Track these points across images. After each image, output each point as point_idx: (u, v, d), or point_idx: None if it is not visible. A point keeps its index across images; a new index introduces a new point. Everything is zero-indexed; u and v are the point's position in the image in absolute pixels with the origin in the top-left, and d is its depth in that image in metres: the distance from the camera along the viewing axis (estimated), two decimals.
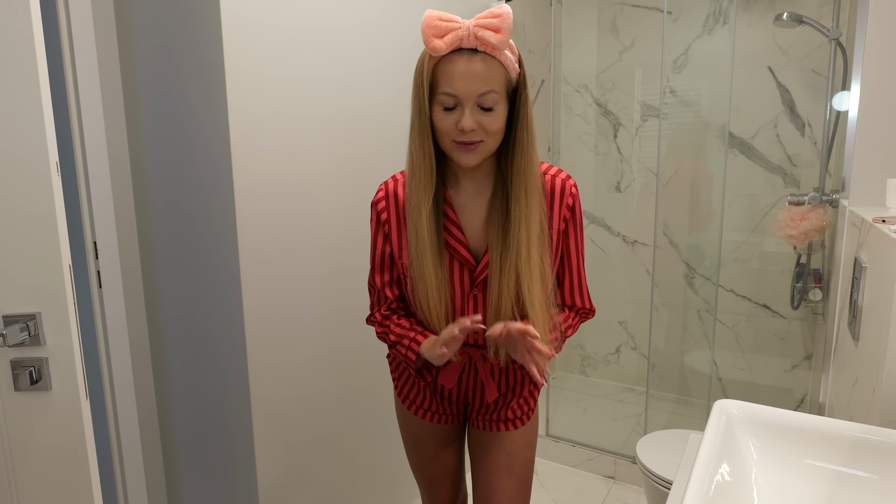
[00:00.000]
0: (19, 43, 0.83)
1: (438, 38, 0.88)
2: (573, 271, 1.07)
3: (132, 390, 1.42)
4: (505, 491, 1.12)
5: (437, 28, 0.87)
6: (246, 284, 1.29)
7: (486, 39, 0.88)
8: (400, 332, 1.06)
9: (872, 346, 0.99)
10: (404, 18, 1.68)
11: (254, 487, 1.37)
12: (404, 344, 1.05)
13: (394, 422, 1.79)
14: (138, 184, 1.39)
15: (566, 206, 1.02)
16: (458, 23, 0.88)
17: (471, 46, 0.89)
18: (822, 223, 1.82)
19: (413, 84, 0.95)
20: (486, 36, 0.87)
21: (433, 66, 0.91)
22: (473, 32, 0.88)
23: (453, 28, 0.88)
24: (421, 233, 0.98)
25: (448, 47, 0.88)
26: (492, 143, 0.95)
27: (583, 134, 2.79)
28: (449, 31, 0.88)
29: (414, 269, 1.00)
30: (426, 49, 0.92)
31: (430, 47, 0.88)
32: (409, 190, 0.99)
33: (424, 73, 0.91)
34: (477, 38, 0.88)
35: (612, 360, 2.94)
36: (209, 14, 1.19)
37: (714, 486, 0.65)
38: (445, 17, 0.88)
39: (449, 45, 0.88)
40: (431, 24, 0.87)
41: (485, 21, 0.88)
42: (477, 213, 1.03)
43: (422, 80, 0.92)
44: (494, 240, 0.99)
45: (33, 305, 0.89)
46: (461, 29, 0.88)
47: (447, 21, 0.88)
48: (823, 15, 2.15)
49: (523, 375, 1.12)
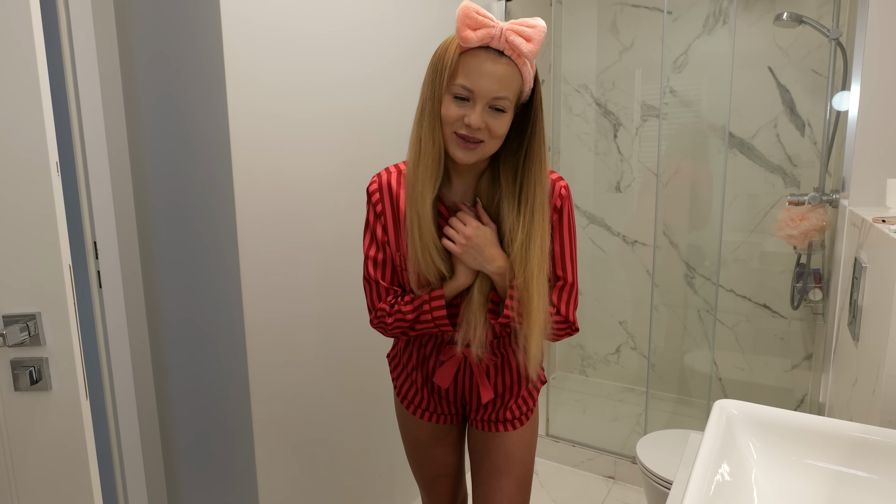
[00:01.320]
0: (19, 43, 0.83)
1: (472, 30, 0.88)
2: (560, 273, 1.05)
3: (132, 390, 1.42)
4: (504, 491, 1.12)
5: (472, 20, 0.88)
6: (246, 284, 1.29)
7: (517, 45, 0.88)
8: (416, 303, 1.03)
9: (872, 346, 0.99)
10: (405, 21, 1.68)
11: (254, 487, 1.37)
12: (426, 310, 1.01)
13: (393, 422, 1.79)
14: (138, 184, 1.39)
15: (553, 208, 1.02)
16: (493, 22, 0.89)
17: (499, 48, 0.90)
18: (822, 223, 1.82)
19: (430, 69, 0.94)
20: (517, 42, 0.88)
21: (457, 56, 0.91)
22: (506, 35, 0.88)
23: (488, 25, 0.88)
24: (424, 221, 0.97)
25: (478, 41, 0.89)
26: (491, 146, 0.95)
27: (583, 134, 2.79)
28: (483, 26, 0.88)
29: (420, 259, 0.99)
30: (452, 37, 0.92)
31: (461, 36, 0.88)
32: (413, 177, 0.97)
33: (447, 60, 0.91)
34: (507, 42, 0.88)
35: (612, 360, 2.94)
36: (209, 14, 1.19)
37: (714, 486, 0.65)
38: (482, 12, 0.89)
39: (479, 39, 0.88)
40: (468, 14, 0.87)
41: (519, 28, 0.88)
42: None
43: (443, 65, 0.92)
44: None
45: (33, 305, 0.89)
46: (495, 28, 0.88)
47: (483, 16, 0.88)
48: (823, 15, 2.15)
49: (520, 375, 1.12)
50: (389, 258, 1.07)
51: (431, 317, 1.02)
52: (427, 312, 1.02)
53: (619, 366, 2.92)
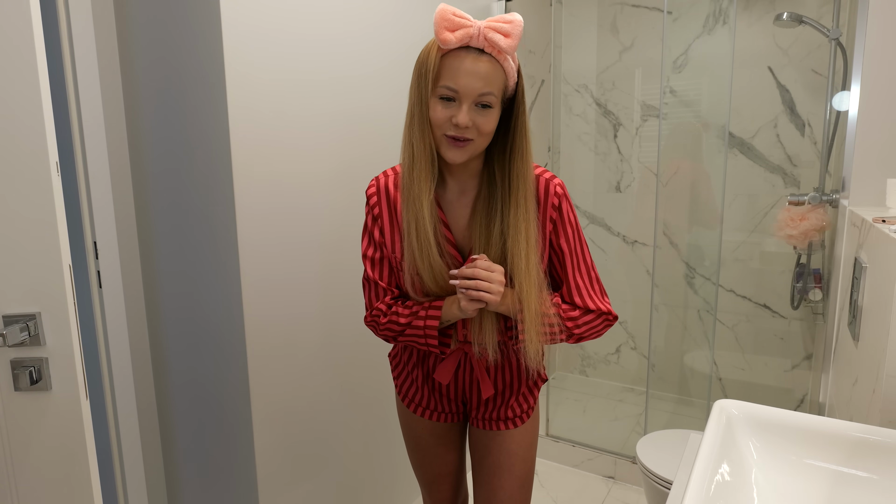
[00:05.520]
0: (19, 43, 0.83)
1: (450, 32, 0.90)
2: (573, 271, 1.05)
3: (132, 390, 1.42)
4: (505, 490, 1.13)
5: (449, 21, 0.89)
6: (246, 284, 1.29)
7: (495, 42, 0.89)
8: (413, 309, 1.03)
9: (872, 346, 0.99)
10: (404, 22, 1.68)
11: (254, 487, 1.37)
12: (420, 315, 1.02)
13: (394, 421, 1.79)
14: (138, 184, 1.39)
15: (552, 206, 1.03)
16: (470, 21, 0.90)
17: (479, 46, 0.91)
18: (822, 223, 1.82)
19: (415, 74, 0.95)
20: (495, 38, 0.89)
21: (439, 58, 0.92)
22: (484, 33, 0.90)
23: (465, 25, 0.90)
24: (421, 223, 0.97)
25: (457, 42, 0.90)
26: (481, 143, 0.96)
27: (583, 134, 2.79)
28: (460, 27, 0.90)
29: (417, 262, 1.00)
30: (433, 41, 0.93)
31: (440, 38, 0.90)
32: (409, 181, 0.98)
33: (430, 63, 0.92)
34: (486, 40, 0.90)
35: (612, 360, 2.94)
36: (209, 14, 1.19)
37: (714, 486, 0.65)
38: (459, 13, 0.90)
39: (458, 40, 0.90)
40: (445, 16, 0.89)
41: (496, 24, 0.90)
42: (461, 213, 1.04)
43: (426, 69, 0.93)
44: (477, 240, 1.01)
45: (33, 305, 0.89)
46: (472, 28, 0.90)
47: (460, 17, 0.90)
48: (823, 15, 2.15)
49: (519, 372, 1.12)
50: (387, 259, 1.07)
51: (424, 324, 1.02)
52: (421, 319, 1.02)
53: (619, 366, 2.92)
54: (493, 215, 1.00)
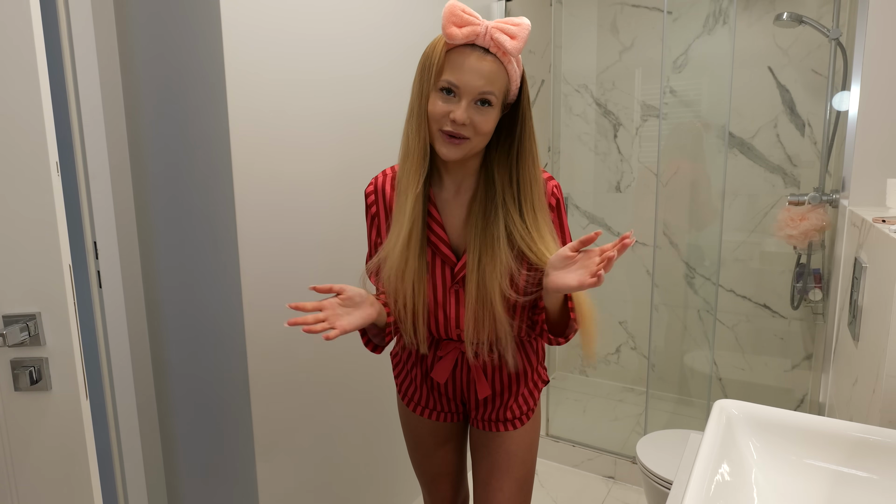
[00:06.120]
0: (19, 43, 0.83)
1: (457, 27, 0.90)
2: None
3: (132, 390, 1.41)
4: (505, 491, 1.12)
5: (458, 17, 0.90)
6: (246, 284, 1.29)
7: (501, 43, 0.90)
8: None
9: (872, 346, 0.99)
10: (405, 22, 1.68)
11: (254, 487, 1.37)
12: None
13: (394, 421, 1.79)
14: (138, 183, 1.39)
15: (550, 206, 1.03)
16: (479, 20, 0.91)
17: (484, 45, 0.91)
18: (822, 223, 1.82)
19: (419, 68, 0.96)
20: (501, 39, 0.90)
21: (444, 53, 0.92)
22: (490, 33, 0.90)
23: (473, 22, 0.90)
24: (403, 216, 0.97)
25: (463, 38, 0.90)
26: (477, 143, 0.96)
27: (583, 134, 2.79)
28: (468, 24, 0.90)
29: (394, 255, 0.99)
30: (439, 37, 0.94)
31: (446, 33, 0.90)
32: (401, 174, 0.99)
33: (434, 57, 0.93)
34: (492, 39, 0.90)
35: (612, 360, 2.94)
36: (209, 14, 1.19)
37: (714, 486, 0.65)
38: (468, 10, 0.91)
39: (465, 36, 0.90)
40: (454, 12, 0.89)
41: (503, 26, 0.90)
42: (457, 213, 1.04)
43: (430, 63, 0.93)
44: (472, 241, 1.00)
45: (33, 305, 0.89)
46: (480, 26, 0.90)
47: (469, 14, 0.90)
48: (823, 15, 2.15)
49: (517, 373, 1.12)
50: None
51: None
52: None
53: (619, 366, 2.92)
54: (491, 217, 0.99)
